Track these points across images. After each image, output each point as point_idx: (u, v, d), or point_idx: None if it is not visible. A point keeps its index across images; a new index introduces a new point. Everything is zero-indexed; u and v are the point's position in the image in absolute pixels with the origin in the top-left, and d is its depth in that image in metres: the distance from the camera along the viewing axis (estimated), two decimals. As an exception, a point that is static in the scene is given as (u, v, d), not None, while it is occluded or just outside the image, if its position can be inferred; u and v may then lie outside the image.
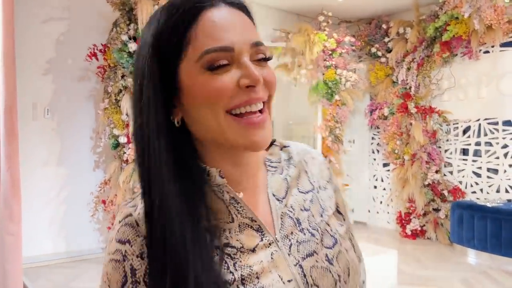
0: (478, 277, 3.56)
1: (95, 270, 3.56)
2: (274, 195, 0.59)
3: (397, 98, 5.00)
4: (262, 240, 0.55)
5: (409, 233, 4.82)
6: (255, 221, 0.56)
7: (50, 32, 3.76)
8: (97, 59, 3.62)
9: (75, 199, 3.85)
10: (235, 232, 0.54)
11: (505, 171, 4.39)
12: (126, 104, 3.43)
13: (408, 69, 4.91)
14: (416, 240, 4.78)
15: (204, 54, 0.50)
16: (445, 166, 4.88)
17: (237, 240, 0.53)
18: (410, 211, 4.88)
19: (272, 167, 0.61)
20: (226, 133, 0.52)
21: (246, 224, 0.55)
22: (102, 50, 3.59)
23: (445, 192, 4.70)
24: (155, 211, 0.48)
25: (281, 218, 0.57)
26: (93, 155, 3.95)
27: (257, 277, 0.51)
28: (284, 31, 4.96)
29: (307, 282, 0.54)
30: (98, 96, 3.87)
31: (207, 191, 0.54)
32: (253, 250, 0.53)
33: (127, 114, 3.47)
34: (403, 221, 4.95)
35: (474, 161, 4.65)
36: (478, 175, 4.62)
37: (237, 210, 0.55)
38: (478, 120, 4.61)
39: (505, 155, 4.40)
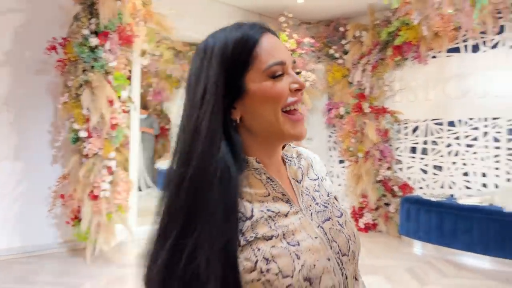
0: (423, 266, 3.83)
1: (52, 265, 3.54)
2: (293, 178, 0.78)
3: (353, 98, 5.25)
4: (291, 208, 0.72)
5: (362, 226, 5.08)
6: (285, 195, 0.73)
7: (7, 23, 3.67)
8: (56, 52, 3.58)
9: (32, 193, 3.79)
10: (271, 202, 0.71)
11: (448, 168, 4.73)
12: (87, 98, 3.43)
13: (363, 71, 5.16)
14: (368, 233, 5.05)
15: (269, 67, 0.69)
16: (395, 163, 5.18)
17: (274, 208, 0.70)
18: (363, 205, 5.15)
19: (288, 160, 0.80)
20: (281, 126, 0.71)
21: (278, 197, 0.73)
22: (62, 44, 3.55)
23: (395, 188, 4.99)
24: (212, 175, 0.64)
25: (301, 195, 0.76)
26: (51, 149, 3.90)
27: (293, 234, 0.68)
28: (246, 30, 5.07)
29: (328, 239, 0.72)
30: (57, 90, 3.82)
31: (248, 173, 0.71)
32: (286, 215, 0.71)
33: (87, 109, 3.47)
34: (357, 215, 5.21)
35: (421, 158, 4.97)
36: (425, 172, 4.94)
37: (272, 187, 0.73)
38: (426, 120, 4.93)
39: (449, 153, 4.73)
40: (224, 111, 0.68)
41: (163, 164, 7.02)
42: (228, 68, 0.69)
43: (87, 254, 3.55)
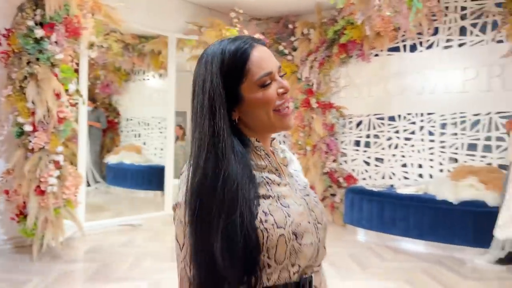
0: (365, 252, 4.10)
1: (-4, 263, 3.43)
2: (281, 163, 0.94)
3: (301, 93, 5.44)
4: (281, 181, 0.88)
5: (310, 216, 5.31)
6: (277, 170, 0.90)
7: None
8: (-1, 43, 3.44)
9: (-28, 190, 3.63)
10: (267, 173, 0.88)
11: (389, 160, 5.06)
12: (32, 91, 3.33)
13: (311, 67, 5.37)
14: (315, 222, 5.28)
15: (259, 78, 0.84)
16: (341, 156, 5.44)
17: (270, 177, 0.87)
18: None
19: (276, 150, 0.96)
20: (273, 122, 0.87)
21: (272, 170, 0.89)
22: (6, 35, 3.42)
23: (341, 179, 5.26)
24: (224, 161, 0.79)
25: (287, 175, 0.92)
26: (-7, 143, 3.75)
27: (284, 198, 0.85)
28: (197, 25, 5.11)
29: (308, 208, 0.89)
30: (0, 82, 3.67)
31: (251, 150, 0.88)
32: (278, 184, 0.87)
33: (33, 102, 3.37)
34: (305, 206, 5.42)
35: (364, 151, 5.27)
36: (368, 164, 5.25)
37: (269, 161, 0.89)
38: (369, 115, 5.22)
39: (389, 146, 5.06)
40: (228, 114, 0.84)
41: (114, 158, 6.90)
42: (226, 80, 0.83)
43: (34, 250, 3.47)
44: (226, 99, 0.83)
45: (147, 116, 7.18)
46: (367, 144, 5.26)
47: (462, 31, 4.52)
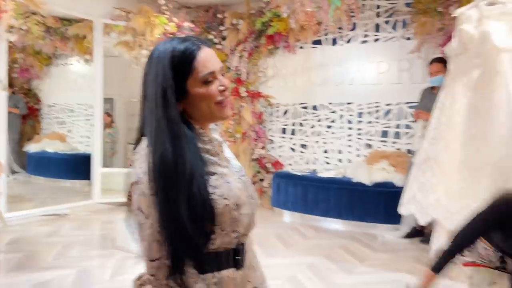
0: (289, 232, 4.40)
1: None
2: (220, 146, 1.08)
3: (231, 82, 5.59)
4: (222, 162, 1.02)
5: (239, 201, 5.52)
6: (218, 154, 1.03)
7: None
8: None
9: None
10: (211, 155, 1.00)
11: (312, 146, 5.41)
12: None
13: (240, 57, 5.53)
14: (245, 207, 5.51)
15: (203, 76, 0.97)
16: (269, 143, 5.70)
17: (214, 158, 1.01)
18: (241, 182, 5.58)
19: (216, 136, 1.11)
20: (214, 113, 1.01)
21: (214, 154, 1.02)
22: None
23: (269, 165, 5.52)
24: (177, 145, 0.92)
25: (225, 160, 1.06)
26: None
27: (226, 176, 1.00)
28: (124, 11, 5.02)
29: (245, 186, 1.04)
30: None
31: (196, 136, 1.00)
32: (220, 165, 1.01)
33: None
34: (235, 191, 5.62)
35: (290, 138, 5.57)
36: (293, 150, 5.56)
37: (212, 145, 1.02)
38: (294, 104, 5.52)
39: (313, 133, 5.40)
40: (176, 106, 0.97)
41: (35, 147, 6.56)
42: (175, 75, 0.96)
43: (-51, 244, 3.29)
44: (176, 91, 0.96)
45: (71, 103, 6.90)
46: (293, 132, 5.56)
47: (377, 27, 4.94)
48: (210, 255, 0.96)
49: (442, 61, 3.92)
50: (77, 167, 6.27)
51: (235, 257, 1.01)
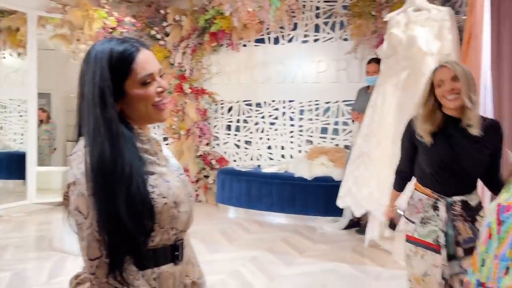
0: (233, 227, 4.47)
1: None
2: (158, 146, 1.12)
3: (174, 79, 5.55)
4: (161, 162, 1.06)
5: (184, 198, 5.51)
6: (157, 153, 1.06)
7: None
8: None
9: None
10: (149, 155, 1.03)
11: (256, 142, 5.51)
12: None
13: (184, 53, 5.50)
14: (189, 203, 5.51)
15: (141, 78, 0.99)
16: (213, 139, 5.73)
17: (152, 158, 1.04)
18: (185, 179, 5.58)
19: (154, 135, 1.14)
20: (151, 115, 1.03)
21: (153, 153, 1.05)
22: None
23: (213, 161, 5.56)
24: (116, 146, 0.94)
25: (164, 159, 1.09)
26: None
27: (165, 175, 1.03)
28: (61, 3, 4.82)
29: (183, 184, 1.08)
30: None
31: (134, 136, 1.02)
32: (159, 165, 1.04)
33: None
34: (179, 188, 5.61)
35: (235, 135, 5.64)
36: (238, 147, 5.64)
37: (150, 145, 1.06)
38: (238, 101, 5.59)
39: (257, 130, 5.51)
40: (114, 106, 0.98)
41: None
42: (112, 76, 0.97)
43: None
44: (114, 91, 0.98)
45: (4, 98, 6.49)
46: (237, 128, 5.63)
47: (317, 28, 5.12)
48: (149, 252, 0.99)
49: (379, 62, 4.15)
50: (10, 166, 5.92)
51: (173, 252, 1.05)
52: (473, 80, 1.79)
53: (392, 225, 2.06)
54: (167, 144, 5.81)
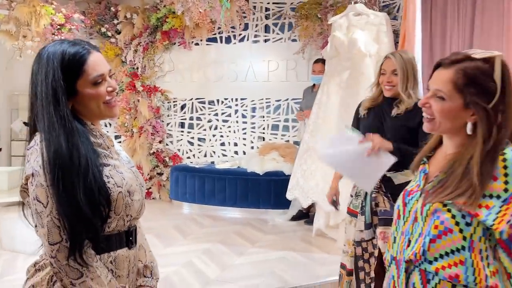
0: (188, 222, 4.57)
1: None
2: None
3: (126, 76, 5.55)
4: (113, 155, 1.16)
5: (138, 196, 5.53)
6: (109, 148, 1.17)
7: None
8: None
9: None
10: (103, 149, 1.14)
11: (210, 140, 5.63)
12: None
13: (135, 51, 5.51)
14: (143, 201, 5.54)
15: (93, 78, 1.09)
16: (167, 137, 5.78)
17: (106, 151, 1.14)
18: (139, 177, 5.59)
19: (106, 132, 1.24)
20: (102, 112, 1.14)
21: (105, 148, 1.15)
22: None
23: (167, 159, 5.61)
24: (70, 141, 1.04)
25: (115, 153, 1.19)
26: None
27: (118, 167, 1.14)
28: (6, -2, 4.68)
29: (135, 175, 1.20)
30: None
31: (87, 131, 1.12)
32: (112, 158, 1.14)
33: None
34: (133, 186, 5.61)
35: (188, 132, 5.72)
36: (192, 144, 5.72)
37: (103, 140, 1.16)
38: (192, 99, 5.67)
39: (210, 127, 5.62)
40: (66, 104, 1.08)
41: None
42: (65, 76, 1.07)
43: None
44: (66, 90, 1.08)
45: None
46: (191, 126, 5.72)
47: (267, 28, 5.31)
48: (106, 237, 1.10)
49: (324, 62, 4.42)
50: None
51: (128, 238, 1.17)
52: (413, 73, 2.07)
53: (334, 203, 2.29)
54: (119, 142, 5.80)
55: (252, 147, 5.44)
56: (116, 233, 1.13)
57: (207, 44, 5.54)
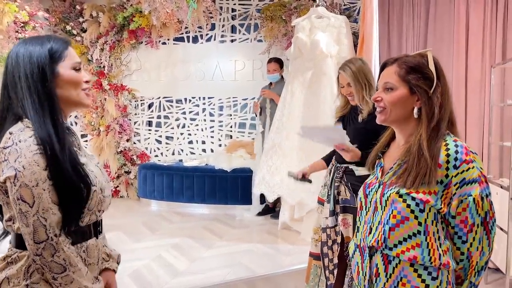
0: (156, 219, 4.63)
1: None
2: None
3: (93, 75, 5.53)
4: (82, 153, 1.22)
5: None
6: (79, 145, 1.24)
7: None
8: None
9: None
10: (74, 147, 1.19)
11: (178, 138, 5.70)
12: None
13: (102, 50, 5.50)
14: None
15: (74, 63, 1.17)
16: (134, 135, 5.80)
17: (76, 150, 1.19)
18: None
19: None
20: (80, 99, 1.19)
21: (76, 145, 1.21)
22: None
23: (134, 157, 5.64)
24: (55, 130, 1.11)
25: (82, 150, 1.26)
26: None
27: (88, 165, 1.19)
28: (-34, -6, 4.58)
29: (102, 172, 1.24)
30: None
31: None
32: (81, 156, 1.19)
33: None
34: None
35: (156, 131, 5.76)
36: (159, 142, 5.77)
37: (75, 138, 1.22)
38: (159, 98, 5.72)
39: (178, 126, 5.69)
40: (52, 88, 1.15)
41: None
42: (50, 58, 1.14)
43: None
44: (49, 74, 1.13)
45: None
46: (158, 124, 5.76)
47: (233, 29, 5.44)
48: (79, 230, 1.17)
49: (278, 61, 4.62)
50: None
51: (96, 228, 1.24)
52: (366, 80, 2.25)
53: (304, 178, 2.45)
54: (86, 141, 5.76)
55: (220, 145, 5.55)
56: (86, 225, 1.19)
57: (174, 44, 5.60)
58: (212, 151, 5.57)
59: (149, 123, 5.79)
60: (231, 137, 5.54)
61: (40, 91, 1.11)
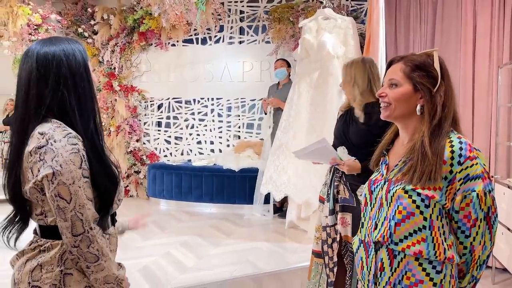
0: (165, 218, 4.71)
1: None
2: None
3: (104, 76, 5.63)
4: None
5: (115, 194, 5.62)
6: None
7: None
8: None
9: None
10: None
11: (186, 138, 5.77)
12: None
13: (112, 51, 5.60)
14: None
15: (91, 65, 1.26)
16: (144, 136, 5.89)
17: None
18: (116, 175, 5.68)
19: None
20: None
21: None
22: None
23: (144, 157, 5.72)
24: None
25: None
26: None
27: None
28: (-18, -2, 4.72)
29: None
30: None
31: None
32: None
33: None
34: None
35: (165, 131, 5.84)
36: (169, 142, 5.85)
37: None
38: (168, 98, 5.80)
39: (187, 126, 5.77)
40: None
41: None
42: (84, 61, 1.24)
43: None
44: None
45: None
46: (168, 125, 5.84)
47: (241, 31, 5.51)
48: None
49: (285, 60, 4.69)
50: None
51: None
52: (356, 79, 2.28)
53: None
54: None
55: (228, 145, 5.61)
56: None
57: (183, 45, 5.68)
58: (220, 151, 5.63)
59: (159, 124, 5.87)
60: (239, 137, 5.60)
61: (86, 88, 1.20)
